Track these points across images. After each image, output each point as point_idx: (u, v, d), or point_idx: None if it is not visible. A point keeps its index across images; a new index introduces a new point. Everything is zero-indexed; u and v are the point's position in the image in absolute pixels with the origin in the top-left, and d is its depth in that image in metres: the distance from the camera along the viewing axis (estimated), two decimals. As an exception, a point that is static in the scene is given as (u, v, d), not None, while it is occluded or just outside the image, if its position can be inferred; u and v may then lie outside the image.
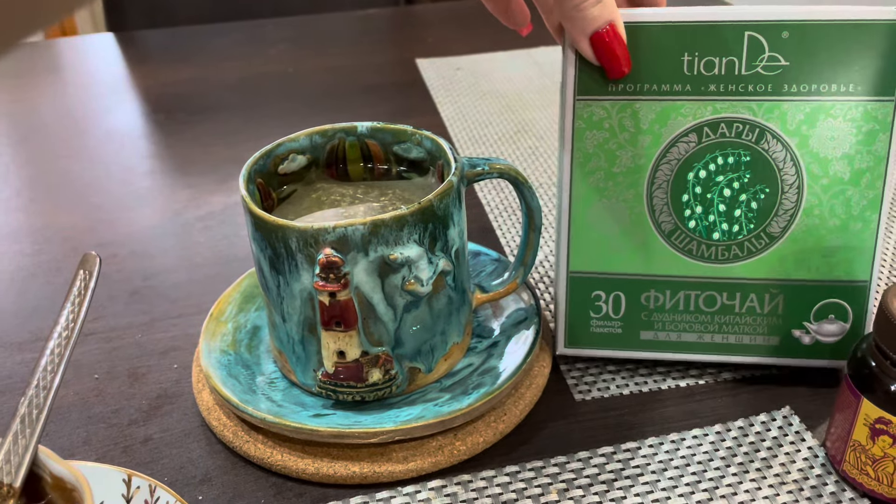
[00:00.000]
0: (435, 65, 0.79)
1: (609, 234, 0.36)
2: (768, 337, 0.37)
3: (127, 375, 0.40)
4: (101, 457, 0.36)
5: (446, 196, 0.33)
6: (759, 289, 0.36)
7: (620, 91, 0.34)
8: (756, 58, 0.33)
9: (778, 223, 0.35)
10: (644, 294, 0.37)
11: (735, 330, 0.37)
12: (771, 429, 0.36)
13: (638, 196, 0.36)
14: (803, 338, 0.37)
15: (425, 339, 0.35)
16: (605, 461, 0.35)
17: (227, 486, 0.34)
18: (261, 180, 0.36)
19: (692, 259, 0.36)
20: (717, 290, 0.36)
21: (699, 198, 0.35)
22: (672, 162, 0.35)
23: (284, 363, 0.36)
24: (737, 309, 0.37)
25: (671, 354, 0.38)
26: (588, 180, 0.36)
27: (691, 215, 0.36)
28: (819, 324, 0.36)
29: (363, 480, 0.34)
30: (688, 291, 0.37)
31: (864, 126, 0.34)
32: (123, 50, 0.89)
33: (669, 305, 0.37)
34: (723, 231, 0.36)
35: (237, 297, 0.41)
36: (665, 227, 0.36)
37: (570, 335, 0.38)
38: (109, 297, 0.46)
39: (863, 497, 0.33)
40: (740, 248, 0.36)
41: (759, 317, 0.37)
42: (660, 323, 0.37)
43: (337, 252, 0.31)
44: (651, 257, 0.36)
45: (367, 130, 0.38)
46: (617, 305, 0.37)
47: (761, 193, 0.35)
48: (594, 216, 0.36)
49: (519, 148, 0.62)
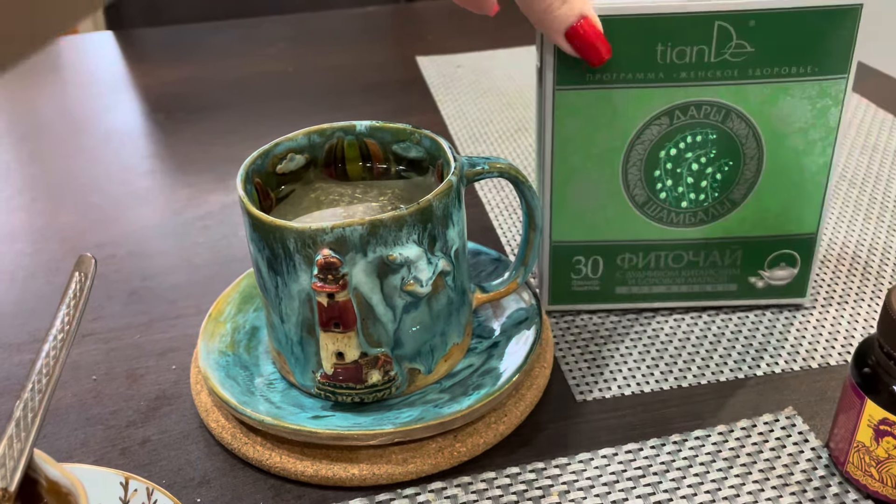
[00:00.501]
0: (435, 62, 0.78)
1: (587, 207, 0.40)
2: (727, 284, 0.42)
3: (125, 377, 0.40)
4: (98, 459, 0.35)
5: (445, 196, 0.32)
6: (721, 246, 0.41)
7: (598, 80, 0.37)
8: (724, 45, 0.36)
9: (739, 191, 0.39)
10: (619, 256, 0.41)
11: (699, 280, 0.42)
12: (774, 430, 0.36)
13: (614, 174, 0.39)
14: (757, 283, 0.42)
15: (425, 340, 0.34)
16: (607, 462, 0.34)
17: (225, 489, 0.34)
18: (258, 180, 0.36)
19: (662, 225, 0.40)
20: (684, 250, 0.41)
21: (669, 173, 0.39)
22: (645, 143, 0.38)
23: (283, 364, 0.36)
24: (701, 264, 0.41)
25: (643, 304, 0.42)
26: (567, 162, 0.38)
27: (662, 188, 0.39)
28: (771, 271, 0.41)
29: (362, 482, 0.33)
30: (658, 252, 0.41)
31: (819, 102, 0.37)
32: (123, 48, 0.89)
33: (642, 264, 0.41)
34: (690, 200, 0.39)
35: (236, 298, 0.41)
36: (638, 199, 0.39)
37: (553, 294, 0.42)
38: (108, 297, 0.46)
39: (866, 499, 0.32)
40: (705, 214, 0.40)
41: (720, 268, 0.41)
42: (633, 279, 0.42)
43: (335, 253, 0.31)
44: (626, 226, 0.40)
45: (365, 129, 0.37)
46: (595, 267, 0.41)
47: (725, 166, 0.39)
48: (573, 193, 0.39)
49: (519, 146, 0.62)
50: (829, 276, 0.45)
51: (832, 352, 0.40)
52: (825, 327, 0.42)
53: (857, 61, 0.36)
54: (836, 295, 0.44)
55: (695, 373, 0.39)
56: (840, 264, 0.46)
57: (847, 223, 0.50)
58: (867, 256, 0.47)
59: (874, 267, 0.46)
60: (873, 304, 0.43)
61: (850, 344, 0.40)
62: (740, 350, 0.40)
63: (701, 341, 0.41)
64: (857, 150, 0.59)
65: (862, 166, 0.57)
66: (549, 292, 0.42)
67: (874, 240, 0.49)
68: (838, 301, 0.43)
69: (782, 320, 0.42)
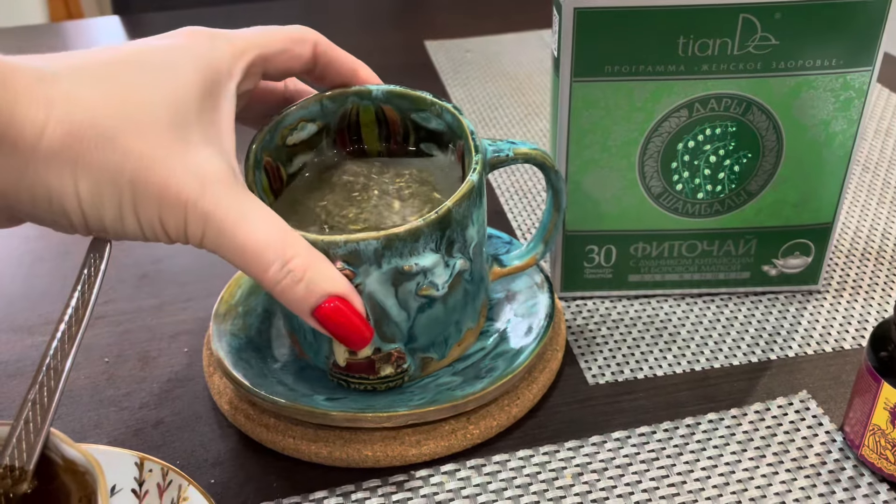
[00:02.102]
0: (444, 47, 0.78)
1: (602, 198, 0.39)
2: (740, 273, 0.42)
3: (137, 359, 0.40)
4: (112, 440, 0.35)
5: (466, 199, 0.31)
6: (736, 236, 0.40)
7: (616, 73, 0.36)
8: (748, 38, 0.35)
9: (757, 182, 0.39)
10: (633, 246, 0.41)
11: (712, 269, 0.42)
12: (787, 413, 0.35)
13: (630, 165, 0.38)
14: (770, 271, 0.42)
15: (439, 332, 0.34)
16: (620, 445, 0.34)
17: (238, 470, 0.34)
18: (268, 158, 0.34)
19: (678, 216, 0.40)
20: (698, 239, 0.41)
21: (687, 164, 0.38)
22: (664, 135, 0.37)
23: (296, 345, 0.36)
24: (715, 252, 0.41)
25: (655, 291, 0.42)
26: (583, 153, 0.38)
27: (679, 179, 0.39)
28: (785, 259, 0.41)
29: (376, 464, 0.33)
30: (672, 242, 0.40)
31: (843, 94, 0.37)
32: (129, 33, 0.88)
33: (655, 253, 0.41)
34: (707, 191, 0.39)
35: (247, 281, 0.41)
36: (654, 190, 0.39)
37: (565, 282, 0.42)
38: (119, 280, 0.46)
39: (882, 482, 0.32)
40: (721, 205, 0.39)
41: (734, 257, 0.41)
42: (646, 267, 0.41)
43: (348, 265, 0.30)
44: (641, 216, 0.40)
45: (382, 95, 0.35)
46: (608, 256, 0.41)
47: (744, 158, 0.38)
48: (589, 183, 0.39)
49: (530, 130, 0.62)
50: (842, 261, 0.45)
51: (846, 336, 0.40)
52: (839, 311, 0.41)
53: (884, 53, 0.35)
54: (850, 279, 0.44)
55: (707, 356, 0.39)
56: (853, 249, 0.46)
57: (860, 208, 0.50)
58: (881, 241, 0.47)
59: (888, 251, 0.46)
60: (888, 287, 0.43)
61: (865, 328, 0.40)
62: (753, 334, 0.40)
63: (713, 325, 0.41)
64: (871, 134, 0.58)
65: (875, 150, 0.56)
66: (561, 279, 0.42)
67: (888, 224, 0.48)
68: (852, 285, 0.43)
69: (795, 304, 0.42)
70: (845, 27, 0.35)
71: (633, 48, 0.35)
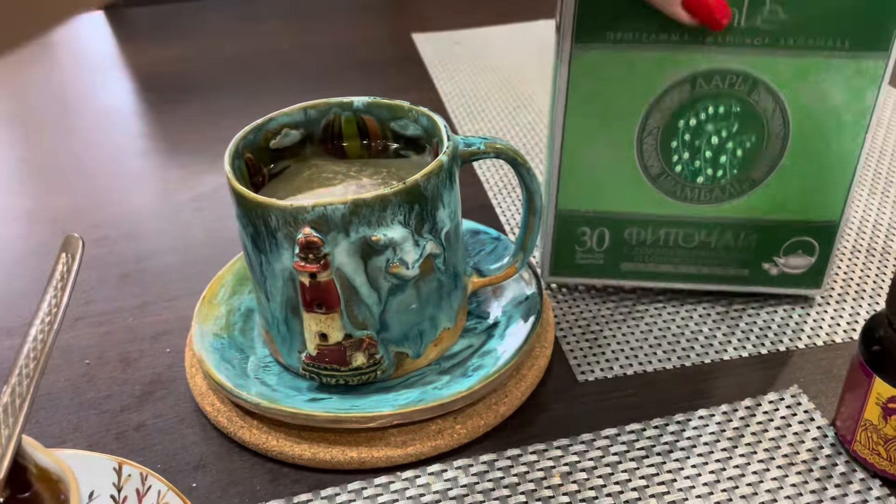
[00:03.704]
0: (432, 39, 0.77)
1: (598, 175, 0.38)
2: (739, 269, 0.40)
3: (119, 360, 0.39)
4: (92, 444, 0.35)
5: (434, 176, 0.31)
6: (736, 227, 0.39)
7: (618, 40, 0.35)
8: (757, 10, 0.34)
9: (760, 170, 0.37)
10: (627, 230, 0.39)
11: (709, 262, 0.40)
12: (779, 409, 0.35)
13: (629, 141, 0.37)
14: (771, 269, 0.40)
15: (413, 324, 0.34)
16: (609, 443, 0.34)
17: (221, 473, 0.33)
18: (250, 155, 0.35)
19: (675, 200, 0.38)
20: (696, 228, 0.39)
21: (687, 144, 0.37)
22: (664, 110, 0.36)
23: (271, 344, 0.35)
24: (713, 245, 0.39)
25: (648, 283, 0.41)
26: (581, 125, 0.37)
27: (678, 160, 0.37)
28: (787, 258, 0.39)
29: (361, 465, 0.33)
30: (668, 229, 0.39)
31: (855, 81, 0.35)
32: (114, 27, 0.87)
33: (650, 241, 0.39)
34: (707, 175, 0.37)
35: (230, 280, 0.40)
36: (652, 170, 0.37)
37: (554, 264, 0.41)
38: (100, 280, 0.45)
39: (874, 477, 0.32)
40: (722, 191, 0.38)
41: (733, 251, 0.39)
42: (640, 256, 0.40)
43: (316, 232, 0.30)
44: (636, 198, 0.38)
45: (363, 106, 0.37)
46: (601, 240, 0.39)
47: (747, 142, 0.36)
48: (585, 158, 0.37)
49: (518, 123, 0.61)
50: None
51: (837, 329, 0.39)
52: (830, 304, 0.41)
53: None
54: (841, 272, 0.43)
55: (698, 352, 0.38)
56: (844, 240, 0.46)
57: (852, 199, 0.49)
58: (872, 232, 0.46)
59: (879, 243, 0.45)
60: (879, 280, 0.42)
61: (856, 321, 0.40)
62: (743, 328, 0.40)
63: (704, 319, 0.40)
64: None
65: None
66: (550, 262, 0.41)
67: (878, 216, 0.48)
68: (843, 278, 0.43)
69: (786, 298, 0.41)
70: (859, 4, 0.33)
71: (636, 14, 0.34)
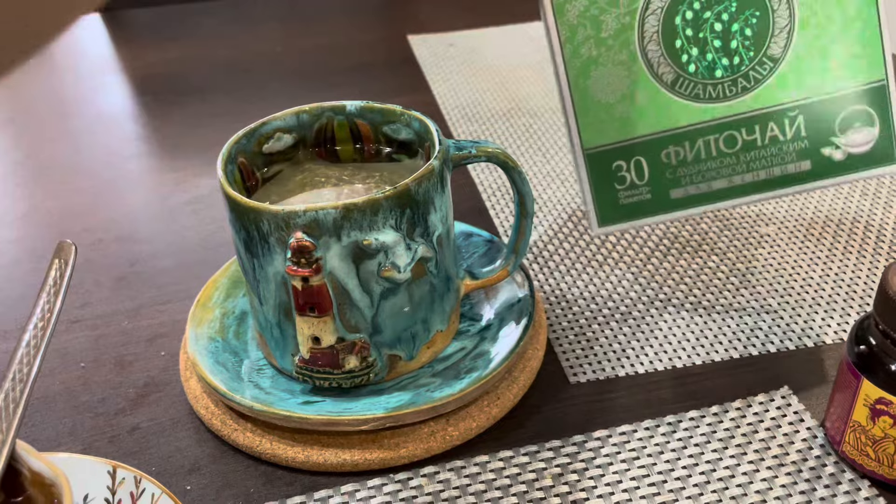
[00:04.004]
0: (427, 41, 0.77)
1: (613, 101, 0.36)
2: (799, 163, 0.37)
3: (113, 363, 0.40)
4: (87, 447, 0.35)
5: (425, 180, 0.32)
6: (777, 116, 0.36)
7: None
8: None
9: (777, 44, 0.35)
10: (664, 151, 0.36)
11: (764, 164, 0.37)
12: (769, 410, 0.35)
13: (632, 55, 0.35)
14: (835, 154, 0.36)
15: (405, 327, 0.34)
16: (601, 445, 0.34)
17: (215, 476, 0.33)
18: (243, 160, 0.35)
19: (701, 103, 0.36)
20: (735, 129, 0.36)
21: (692, 39, 0.35)
22: (657, 11, 0.35)
23: (265, 347, 0.35)
24: (759, 143, 0.36)
25: (706, 206, 0.37)
26: (580, 52, 0.36)
27: (689, 59, 0.35)
28: (846, 135, 0.36)
29: (354, 468, 0.33)
30: (706, 137, 0.36)
31: None
32: (110, 29, 0.87)
33: (691, 157, 0.36)
34: (724, 67, 0.35)
35: (225, 283, 0.41)
36: (666, 77, 0.36)
37: (601, 214, 0.38)
38: (95, 283, 0.45)
39: (863, 478, 0.32)
40: (746, 79, 0.35)
41: (785, 144, 0.36)
42: (687, 177, 0.37)
43: (308, 236, 0.30)
44: (660, 112, 0.36)
45: (356, 110, 0.37)
46: (640, 171, 0.37)
47: (752, 18, 0.35)
48: (595, 87, 0.36)
49: (513, 125, 0.61)
50: (824, 254, 0.45)
51: (828, 330, 0.40)
52: (821, 305, 0.41)
53: None
54: (832, 273, 0.43)
55: (689, 352, 0.39)
56: (836, 242, 0.46)
57: (843, 199, 0.50)
58: (863, 234, 0.47)
59: (870, 245, 0.46)
60: (869, 281, 0.43)
61: (847, 322, 0.40)
62: (734, 329, 0.40)
63: (692, 317, 0.40)
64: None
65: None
66: (596, 213, 0.38)
67: (870, 217, 0.48)
68: (834, 279, 0.43)
69: (777, 298, 0.42)
70: None
71: None
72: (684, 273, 0.44)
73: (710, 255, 0.45)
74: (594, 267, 0.45)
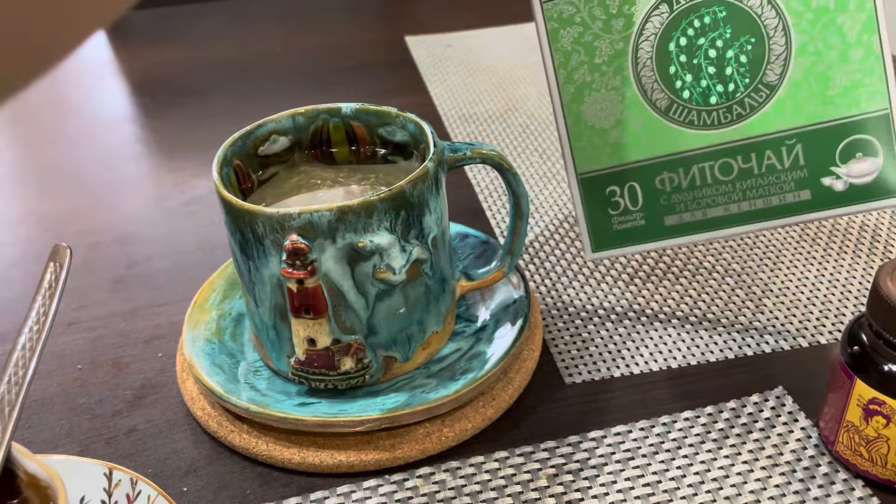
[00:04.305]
0: (424, 42, 0.77)
1: (607, 126, 0.36)
2: (797, 192, 0.35)
3: (111, 365, 0.40)
4: (84, 449, 0.35)
5: (420, 182, 0.32)
6: (773, 143, 0.35)
7: None
8: None
9: (773, 71, 0.34)
10: (658, 178, 0.36)
11: (761, 193, 0.36)
12: (763, 410, 0.35)
13: (626, 80, 0.35)
14: (835, 185, 0.35)
15: (401, 328, 0.34)
16: (596, 445, 0.34)
17: (212, 477, 0.34)
18: (239, 162, 0.35)
19: (695, 130, 0.35)
20: (730, 156, 0.35)
21: (686, 66, 0.35)
22: (650, 38, 0.34)
23: (261, 348, 0.36)
24: (756, 171, 0.35)
25: (702, 235, 0.37)
26: (573, 78, 0.36)
27: (683, 86, 0.35)
28: (848, 165, 0.35)
29: (350, 469, 0.33)
30: (700, 164, 0.35)
31: None
32: (107, 31, 0.88)
33: (686, 184, 0.36)
34: (719, 93, 0.35)
35: (221, 284, 0.41)
36: (660, 104, 0.35)
37: (595, 239, 0.38)
38: (92, 285, 0.46)
39: (856, 478, 0.32)
40: (741, 106, 0.35)
41: (783, 173, 0.35)
42: (681, 204, 0.36)
43: (303, 238, 0.30)
44: (654, 138, 0.36)
45: (351, 112, 0.37)
46: (633, 196, 0.36)
47: (747, 45, 0.34)
48: (589, 112, 0.36)
49: (510, 126, 0.61)
50: (819, 254, 0.45)
51: (822, 331, 0.40)
52: (815, 306, 0.41)
53: None
54: (827, 273, 0.44)
55: (684, 353, 0.39)
56: (831, 242, 0.46)
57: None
58: (858, 234, 0.47)
59: (865, 245, 0.46)
60: (865, 281, 0.43)
61: (841, 323, 0.40)
62: (729, 329, 0.40)
63: (688, 318, 0.41)
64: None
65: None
66: (589, 237, 0.38)
67: (865, 217, 0.48)
68: (829, 279, 0.43)
69: (772, 298, 0.42)
70: None
71: None
72: (679, 274, 0.44)
73: (705, 255, 0.45)
74: (590, 268, 0.45)
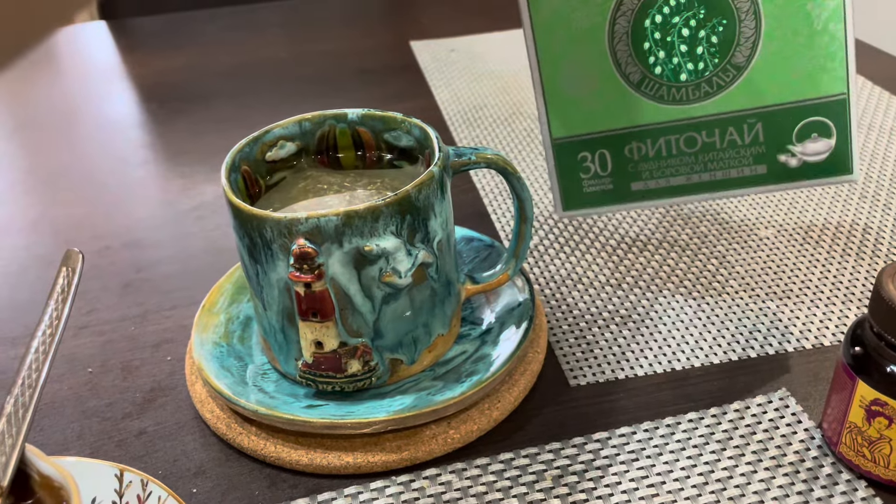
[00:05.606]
0: (429, 47, 0.78)
1: (582, 95, 0.38)
2: (754, 167, 0.38)
3: (120, 369, 0.40)
4: (95, 451, 0.36)
5: (426, 187, 0.32)
6: (736, 121, 0.37)
7: None
8: None
9: (741, 52, 0.36)
10: (627, 147, 0.38)
11: (721, 165, 0.38)
12: (767, 411, 0.36)
13: (601, 53, 0.37)
14: (790, 161, 0.38)
15: (407, 331, 0.34)
16: (600, 447, 0.34)
17: (221, 479, 0.34)
18: (247, 168, 0.36)
19: (664, 104, 0.37)
20: (696, 130, 0.38)
21: (660, 43, 0.36)
22: (627, 14, 0.36)
23: (269, 351, 0.36)
24: (718, 145, 0.38)
25: (664, 200, 0.39)
26: (551, 48, 0.37)
27: (655, 62, 0.37)
28: (803, 144, 0.37)
29: (357, 470, 0.34)
30: (668, 136, 0.38)
31: None
32: (116, 38, 0.88)
33: (653, 153, 0.38)
34: (689, 71, 0.37)
35: (229, 288, 0.41)
36: (633, 77, 0.37)
37: (565, 199, 0.40)
38: (102, 289, 0.46)
39: (859, 479, 0.32)
40: (709, 85, 0.37)
41: (742, 148, 0.38)
42: (647, 172, 0.39)
43: (310, 243, 0.31)
44: (626, 110, 0.38)
45: (357, 118, 0.37)
46: (603, 163, 0.39)
47: (719, 26, 0.36)
48: (564, 80, 0.38)
49: (514, 130, 0.62)
50: (823, 256, 0.45)
51: (826, 332, 0.40)
52: (819, 307, 0.42)
53: None
54: (831, 275, 0.44)
55: (688, 355, 0.39)
56: (835, 244, 0.46)
57: (842, 202, 0.50)
58: (862, 236, 0.47)
59: (868, 247, 0.46)
60: (868, 283, 0.43)
61: (844, 324, 0.40)
62: (733, 331, 0.40)
63: (692, 320, 0.41)
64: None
65: (858, 145, 0.56)
66: (561, 197, 0.41)
67: (869, 218, 0.49)
68: (833, 281, 0.43)
69: (775, 300, 0.42)
70: None
71: None
72: (683, 276, 0.44)
73: (709, 258, 0.45)
74: (594, 271, 0.45)
